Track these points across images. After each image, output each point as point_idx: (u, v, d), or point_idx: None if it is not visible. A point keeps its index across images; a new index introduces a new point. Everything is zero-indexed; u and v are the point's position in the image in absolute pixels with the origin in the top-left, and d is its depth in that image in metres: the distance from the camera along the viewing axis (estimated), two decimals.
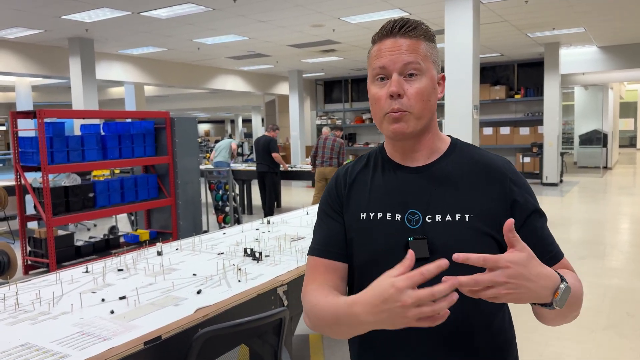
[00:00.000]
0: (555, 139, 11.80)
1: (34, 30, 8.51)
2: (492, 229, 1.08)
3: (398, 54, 1.08)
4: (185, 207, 6.47)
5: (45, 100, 17.97)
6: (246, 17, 7.93)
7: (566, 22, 9.06)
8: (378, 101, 1.10)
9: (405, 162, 1.16)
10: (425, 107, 1.09)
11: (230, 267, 2.38)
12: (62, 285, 2.15)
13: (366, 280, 1.11)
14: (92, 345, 1.56)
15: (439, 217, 1.09)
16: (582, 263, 5.48)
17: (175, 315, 1.80)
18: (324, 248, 1.18)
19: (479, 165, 1.14)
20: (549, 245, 1.12)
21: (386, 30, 1.11)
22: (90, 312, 1.86)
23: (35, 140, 5.19)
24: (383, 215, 1.13)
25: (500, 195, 1.10)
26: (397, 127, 1.08)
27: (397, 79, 1.07)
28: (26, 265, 5.35)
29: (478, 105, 6.38)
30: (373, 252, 1.12)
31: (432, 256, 1.06)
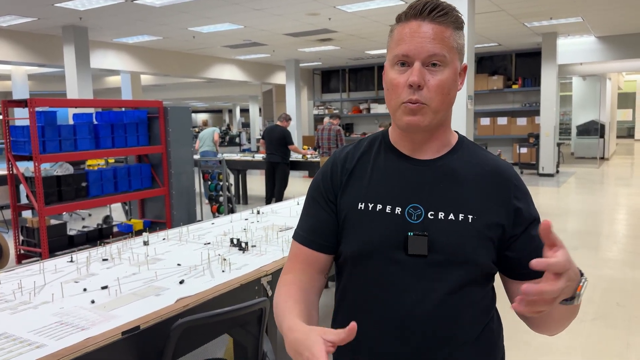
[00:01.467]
0: (552, 130, 11.78)
1: (28, 18, 8.45)
2: (493, 233, 1.05)
3: (424, 41, 1.00)
4: (179, 197, 6.46)
5: (41, 89, 17.90)
6: (241, 5, 7.87)
7: (563, 11, 9.00)
8: (395, 88, 1.03)
9: (412, 154, 1.10)
10: (445, 100, 1.03)
11: (215, 257, 2.37)
12: (44, 275, 2.14)
13: (356, 273, 1.11)
14: (69, 335, 1.55)
15: (441, 214, 1.05)
16: (575, 253, 5.48)
17: (156, 305, 1.79)
18: (309, 237, 1.15)
19: (485, 168, 1.10)
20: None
21: (415, 10, 1.03)
22: (71, 301, 1.85)
23: (27, 129, 5.15)
24: (382, 207, 1.07)
25: (504, 200, 1.07)
26: (412, 120, 1.03)
27: (420, 68, 1.00)
28: (19, 254, 5.34)
29: (472, 95, 6.35)
30: (368, 244, 1.07)
31: (430, 254, 1.03)
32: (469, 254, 1.03)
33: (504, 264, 1.10)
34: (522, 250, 1.07)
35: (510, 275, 1.11)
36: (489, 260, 1.06)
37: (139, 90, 14.50)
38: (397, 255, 1.04)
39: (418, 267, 1.03)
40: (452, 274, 1.03)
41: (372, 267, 1.07)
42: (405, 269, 1.04)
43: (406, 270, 1.04)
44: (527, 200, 1.10)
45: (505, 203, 1.07)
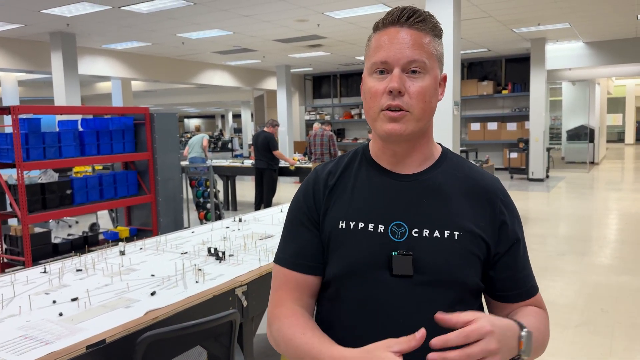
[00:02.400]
0: (542, 135, 11.84)
1: (15, 25, 8.40)
2: (479, 250, 1.02)
3: (403, 47, 0.97)
4: (166, 204, 6.42)
5: (31, 95, 17.80)
6: (229, 12, 7.87)
7: (551, 17, 9.06)
8: (374, 96, 0.99)
9: (394, 168, 1.06)
10: (427, 108, 0.99)
11: (190, 267, 2.35)
12: (14, 287, 2.11)
13: (341, 294, 1.04)
14: (32, 349, 1.52)
15: (426, 231, 1.00)
16: (561, 259, 5.50)
17: (124, 318, 1.76)
18: (295, 260, 1.08)
19: (471, 181, 1.06)
20: (526, 277, 1.07)
21: (392, 17, 1.00)
22: (38, 314, 1.81)
23: (10, 137, 5.11)
24: (365, 225, 1.02)
25: (491, 216, 1.04)
26: (393, 128, 0.98)
27: (399, 74, 0.97)
28: (2, 263, 5.28)
29: (459, 101, 6.36)
30: (351, 265, 1.02)
31: (416, 275, 0.98)
32: (455, 273, 0.99)
33: (486, 283, 1.06)
34: (504, 271, 1.05)
35: (491, 295, 1.08)
36: (477, 278, 1.03)
37: (130, 96, 14.45)
38: (381, 276, 0.99)
39: (403, 288, 0.99)
40: (439, 294, 0.99)
41: (356, 289, 1.02)
42: (390, 291, 0.99)
43: (391, 291, 0.99)
44: (513, 217, 1.07)
45: (492, 218, 1.04)
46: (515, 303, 1.06)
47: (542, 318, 1.04)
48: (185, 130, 36.70)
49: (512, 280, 1.04)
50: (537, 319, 1.02)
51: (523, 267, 1.07)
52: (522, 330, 0.89)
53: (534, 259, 5.50)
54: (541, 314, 1.06)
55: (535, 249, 5.96)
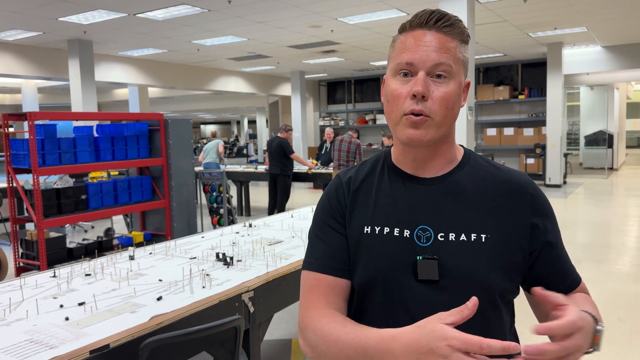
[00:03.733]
0: (559, 140, 11.68)
1: (33, 32, 8.55)
2: (509, 252, 0.98)
3: (429, 50, 0.96)
4: (180, 209, 6.46)
5: (50, 101, 18.09)
6: (243, 18, 7.91)
7: (568, 21, 8.96)
8: (397, 99, 0.97)
9: (416, 172, 1.04)
10: (449, 114, 0.98)
11: (198, 272, 2.35)
12: (22, 291, 2.12)
13: (365, 301, 1.03)
14: (36, 354, 1.53)
15: (452, 235, 0.98)
16: (578, 266, 5.37)
17: (130, 323, 1.76)
18: (326, 263, 1.04)
19: (497, 180, 1.03)
20: (568, 269, 1.06)
21: (421, 20, 0.98)
22: (45, 318, 1.82)
23: (26, 143, 5.19)
24: (390, 230, 1.01)
25: (520, 215, 1.00)
26: (414, 134, 0.96)
27: (424, 78, 0.95)
28: (18, 267, 5.35)
29: (473, 106, 6.31)
30: (377, 270, 1.00)
31: (442, 279, 0.96)
32: (483, 277, 0.96)
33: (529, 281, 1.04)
34: (545, 267, 1.02)
35: None
36: (507, 282, 0.99)
37: (146, 102, 14.61)
38: (407, 281, 0.98)
39: (429, 293, 0.97)
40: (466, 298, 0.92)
41: (381, 295, 1.00)
42: (415, 296, 0.97)
43: (416, 297, 0.97)
44: (545, 211, 1.03)
45: (521, 217, 1.00)
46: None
47: (593, 303, 1.03)
48: (202, 137, 36.97)
49: (555, 275, 1.02)
50: (592, 304, 1.01)
51: (564, 259, 1.05)
52: (597, 325, 0.87)
53: None
54: (589, 299, 1.05)
55: None
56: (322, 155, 9.67)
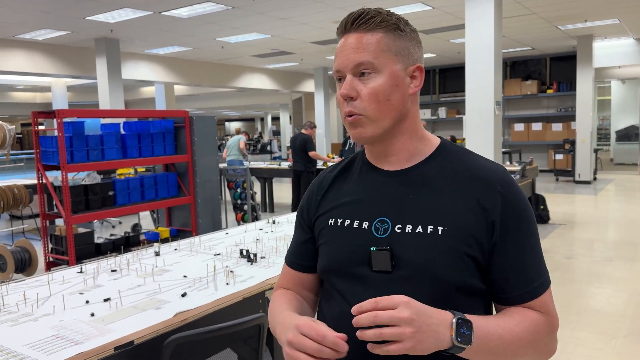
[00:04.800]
0: (589, 135, 11.40)
1: (62, 32, 8.71)
2: (470, 247, 0.95)
3: (349, 53, 0.99)
4: (204, 205, 6.51)
5: (79, 99, 18.45)
6: (266, 15, 7.91)
7: (599, 13, 8.72)
8: (339, 103, 1.03)
9: (383, 165, 1.07)
10: (383, 108, 0.98)
11: (222, 269, 2.34)
12: (50, 286, 2.15)
13: (328, 288, 1.10)
14: (62, 349, 1.54)
15: (409, 227, 0.98)
16: (609, 265, 5.26)
17: (154, 319, 1.76)
18: (292, 258, 1.19)
19: (466, 173, 1.01)
20: (526, 278, 0.97)
21: (342, 27, 1.03)
22: (71, 314, 1.84)
23: (55, 140, 5.28)
24: (350, 222, 1.04)
25: (482, 208, 0.96)
26: (354, 134, 1.02)
27: (350, 80, 0.99)
28: (48, 262, 5.46)
29: (500, 101, 6.18)
30: (335, 260, 1.05)
31: (396, 270, 0.97)
32: (436, 269, 0.94)
33: (487, 284, 0.99)
34: (500, 271, 0.97)
35: (494, 298, 1.01)
36: (466, 277, 0.96)
37: (172, 100, 14.76)
38: (362, 271, 1.01)
39: (383, 283, 0.98)
40: (419, 290, 0.94)
41: (339, 283, 1.05)
42: (370, 286, 0.99)
43: (371, 286, 0.99)
44: (511, 210, 0.97)
45: (483, 211, 0.96)
46: (515, 306, 0.98)
47: (525, 320, 0.94)
48: (226, 133, 37.24)
49: (509, 280, 0.96)
50: (517, 319, 0.93)
51: (525, 266, 0.97)
52: (454, 317, 0.85)
53: (577, 265, 5.29)
54: (527, 315, 0.95)
55: (581, 254, 5.73)
56: (345, 151, 9.62)
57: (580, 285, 4.70)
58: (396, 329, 0.80)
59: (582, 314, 3.98)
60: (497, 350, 0.89)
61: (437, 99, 15.31)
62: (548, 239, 6.49)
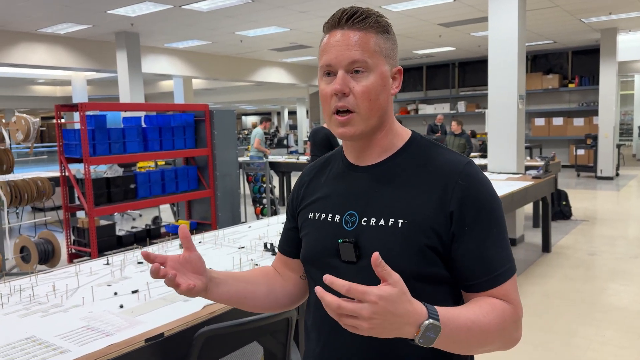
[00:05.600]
0: (611, 130, 11.20)
1: (83, 26, 8.78)
2: (429, 239, 0.99)
3: (344, 49, 1.01)
4: (224, 199, 6.53)
5: (99, 93, 18.64)
6: (286, 8, 7.89)
7: (624, 5, 8.54)
8: (325, 98, 1.05)
9: (357, 161, 1.12)
10: (373, 106, 1.03)
11: (247, 262, 2.34)
12: (78, 278, 2.17)
13: (308, 276, 1.19)
14: (93, 340, 1.55)
15: (373, 220, 1.03)
16: (634, 262, 5.17)
17: (183, 312, 1.77)
18: (280, 244, 1.28)
19: (429, 167, 1.04)
20: (487, 266, 1.00)
21: (334, 20, 1.04)
22: (100, 305, 1.85)
23: (78, 133, 5.33)
24: (325, 216, 1.11)
25: (441, 201, 1.00)
26: (344, 132, 1.04)
27: (343, 75, 1.01)
28: (70, 254, 5.53)
29: (524, 95, 6.09)
30: (311, 252, 1.13)
31: (360, 261, 1.03)
32: (393, 259, 0.96)
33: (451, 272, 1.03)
34: (460, 259, 1.00)
35: (461, 287, 1.04)
36: (423, 266, 1.00)
37: (190, 94, 14.83)
38: (333, 262, 1.07)
39: (350, 273, 1.02)
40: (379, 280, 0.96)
41: (315, 273, 1.11)
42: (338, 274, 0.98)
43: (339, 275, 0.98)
44: (470, 201, 1.00)
45: (442, 203, 1.00)
46: (477, 293, 1.01)
47: (493, 310, 0.96)
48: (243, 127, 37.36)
49: (471, 269, 1.00)
50: (485, 310, 0.95)
51: (485, 254, 1.00)
52: (427, 320, 0.85)
53: (600, 262, 5.21)
54: (496, 305, 0.98)
55: (604, 250, 5.64)
56: None
57: (604, 282, 4.63)
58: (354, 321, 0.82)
59: (607, 312, 3.92)
60: (464, 341, 0.92)
61: (456, 92, 15.16)
62: (570, 235, 6.40)
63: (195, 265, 1.03)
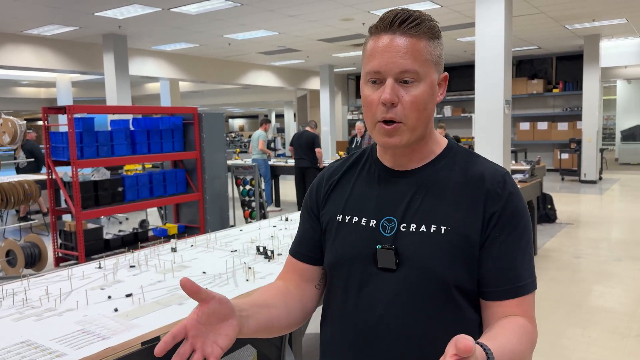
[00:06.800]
0: (595, 135, 11.39)
1: (70, 27, 8.72)
2: (472, 247, 0.98)
3: (395, 57, 0.95)
4: (212, 202, 6.52)
5: (84, 95, 18.46)
6: (275, 12, 7.91)
7: (607, 13, 8.70)
8: (370, 105, 1.00)
9: (394, 165, 1.08)
10: (421, 116, 0.99)
11: (240, 265, 2.35)
12: (71, 281, 2.16)
13: (332, 283, 1.12)
14: (89, 344, 1.55)
15: (413, 226, 1.00)
16: (618, 265, 5.26)
17: (178, 315, 1.77)
18: (295, 248, 1.19)
19: (467, 175, 1.03)
20: (511, 275, 0.98)
21: (385, 23, 0.98)
22: (94, 309, 1.85)
23: (65, 135, 5.29)
24: (358, 220, 1.06)
25: (480, 208, 0.99)
26: (389, 142, 1.00)
27: (392, 85, 0.96)
28: (57, 257, 5.48)
29: (510, 100, 6.18)
30: (341, 255, 1.07)
31: (400, 268, 0.99)
32: (437, 267, 0.96)
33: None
34: (485, 264, 0.98)
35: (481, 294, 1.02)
36: (466, 277, 0.98)
37: (177, 96, 14.77)
38: (368, 268, 1.03)
39: (386, 280, 1.00)
40: (421, 289, 0.97)
41: (345, 278, 1.06)
42: (374, 282, 1.02)
43: (375, 283, 1.01)
44: (504, 209, 0.99)
45: (480, 211, 0.98)
46: (495, 301, 0.98)
47: (524, 334, 0.94)
48: (230, 130, 37.25)
49: (492, 275, 0.98)
50: (517, 336, 0.92)
51: (512, 263, 0.98)
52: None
53: (586, 264, 5.30)
54: (524, 328, 0.95)
55: (589, 253, 5.73)
56: (352, 149, 9.65)
57: (589, 284, 4.71)
58: None
59: (593, 313, 3.98)
60: None
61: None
62: (556, 238, 6.49)
63: (220, 313, 0.90)
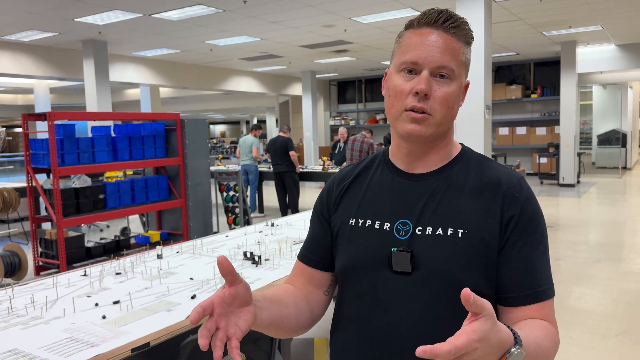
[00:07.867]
0: (572, 139, 11.60)
1: (49, 33, 8.61)
2: (490, 250, 0.97)
3: (435, 51, 0.97)
4: (196, 209, 6.48)
5: (63, 102, 18.21)
6: (257, 18, 7.93)
7: (582, 20, 8.89)
8: (400, 94, 0.99)
9: (408, 168, 1.07)
10: (448, 114, 1.00)
11: None
12: (57, 289, 2.14)
13: (344, 287, 1.10)
14: (78, 351, 1.54)
15: (429, 229, 0.99)
16: (597, 266, 5.36)
17: (167, 321, 1.77)
18: (304, 253, 1.17)
19: (483, 178, 1.03)
20: (531, 280, 0.98)
21: (429, 18, 1.00)
22: (82, 317, 1.84)
23: (46, 142, 5.22)
24: (372, 223, 1.05)
25: (497, 212, 0.98)
26: (414, 129, 0.98)
27: (428, 77, 0.97)
28: (37, 266, 5.39)
29: (490, 105, 6.28)
30: (354, 260, 1.05)
31: (416, 272, 0.98)
32: (454, 271, 0.96)
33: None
34: (505, 270, 0.98)
35: (496, 299, 1.01)
36: (483, 280, 0.97)
37: (158, 102, 14.65)
38: (382, 271, 1.01)
39: (402, 284, 0.99)
40: (437, 292, 0.96)
41: (358, 283, 1.05)
42: (389, 286, 1.01)
43: (390, 287, 1.00)
44: (523, 213, 0.99)
45: (498, 216, 0.98)
46: (516, 307, 0.98)
47: (548, 333, 0.95)
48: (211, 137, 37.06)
49: (513, 281, 0.98)
50: (543, 333, 0.93)
51: (532, 268, 0.98)
52: (513, 347, 0.79)
53: (565, 266, 5.39)
54: (549, 329, 0.97)
55: (568, 255, 5.83)
56: (335, 154, 9.69)
57: (569, 286, 4.79)
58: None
59: (574, 314, 4.06)
60: None
61: None
62: None
63: (243, 298, 0.88)
